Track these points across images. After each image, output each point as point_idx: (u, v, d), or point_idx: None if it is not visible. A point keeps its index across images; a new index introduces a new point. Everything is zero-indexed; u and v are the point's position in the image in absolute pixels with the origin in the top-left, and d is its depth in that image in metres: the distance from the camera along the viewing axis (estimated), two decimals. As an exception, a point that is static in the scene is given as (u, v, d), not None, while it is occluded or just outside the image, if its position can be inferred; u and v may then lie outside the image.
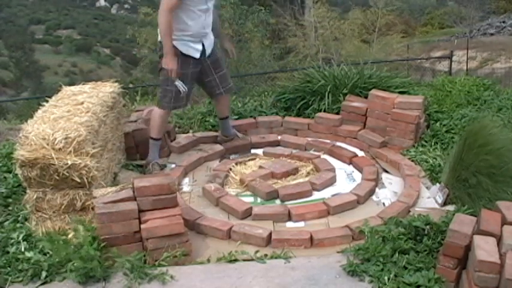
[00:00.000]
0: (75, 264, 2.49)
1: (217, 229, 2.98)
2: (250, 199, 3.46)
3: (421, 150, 3.98)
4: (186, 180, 3.80)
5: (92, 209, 2.80)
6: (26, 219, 3.09)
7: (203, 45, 3.75)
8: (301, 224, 3.12)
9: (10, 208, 3.26)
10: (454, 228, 2.38)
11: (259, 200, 3.45)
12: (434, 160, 3.79)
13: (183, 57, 3.68)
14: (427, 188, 3.54)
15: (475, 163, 3.11)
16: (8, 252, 2.73)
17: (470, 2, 20.67)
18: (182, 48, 3.67)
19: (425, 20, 25.34)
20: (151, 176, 3.18)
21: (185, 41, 3.66)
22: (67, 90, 3.71)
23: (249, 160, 4.08)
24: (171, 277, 2.54)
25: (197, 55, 3.74)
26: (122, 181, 3.59)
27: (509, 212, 2.44)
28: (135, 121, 4.23)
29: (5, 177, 3.59)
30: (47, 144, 2.85)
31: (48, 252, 2.66)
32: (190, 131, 4.60)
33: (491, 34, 19.08)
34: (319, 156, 4.06)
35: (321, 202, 3.32)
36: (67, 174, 2.86)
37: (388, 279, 2.45)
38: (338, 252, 2.77)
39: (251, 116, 4.78)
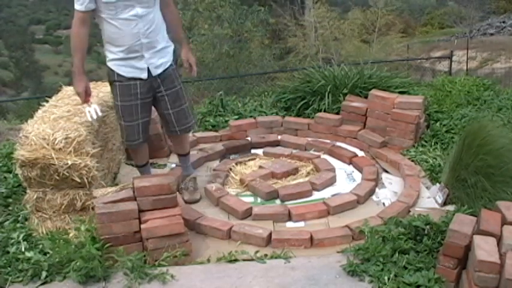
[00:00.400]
0: (77, 264, 2.49)
1: (217, 229, 2.98)
2: (250, 199, 3.46)
3: (421, 150, 3.98)
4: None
5: (92, 209, 2.80)
6: (26, 219, 3.09)
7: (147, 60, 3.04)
8: (301, 224, 3.12)
9: (10, 208, 3.27)
10: (454, 228, 2.38)
11: (259, 200, 3.45)
12: (434, 160, 3.79)
13: (125, 83, 3.05)
14: (427, 188, 3.54)
15: (473, 163, 3.11)
16: (8, 252, 2.73)
17: (470, 2, 20.66)
18: (122, 70, 3.03)
19: (425, 20, 25.34)
20: (151, 176, 3.17)
21: (122, 60, 3.01)
22: (67, 90, 3.71)
23: (249, 160, 4.08)
24: (171, 277, 2.54)
25: (143, 75, 3.04)
26: (121, 178, 3.59)
27: (509, 212, 2.44)
28: (135, 121, 4.22)
29: (5, 177, 3.59)
30: (47, 144, 2.85)
31: (48, 252, 2.66)
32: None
33: (491, 34, 19.09)
34: (319, 156, 4.06)
35: (321, 202, 3.32)
36: (67, 174, 2.87)
37: (388, 279, 2.45)
38: (338, 252, 2.77)
39: (251, 116, 4.79)
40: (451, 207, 3.17)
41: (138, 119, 3.14)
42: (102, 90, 3.70)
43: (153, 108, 3.31)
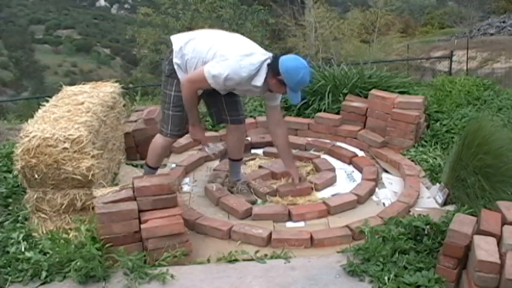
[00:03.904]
0: (77, 264, 2.49)
1: (217, 229, 2.98)
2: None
3: (421, 150, 3.98)
4: (186, 180, 3.80)
5: (92, 209, 2.80)
6: (26, 219, 3.09)
7: None
8: (301, 224, 3.12)
9: (10, 208, 3.27)
10: (454, 228, 2.38)
11: (259, 200, 3.45)
12: (434, 160, 3.80)
13: None
14: (427, 188, 3.54)
15: (473, 163, 3.11)
16: (8, 252, 2.73)
17: (470, 2, 20.68)
18: None
19: (425, 20, 25.35)
20: (151, 176, 3.17)
21: None
22: (67, 90, 3.71)
23: (249, 160, 4.07)
24: (171, 277, 2.54)
25: None
26: (121, 178, 3.59)
27: (509, 212, 2.44)
28: (135, 121, 4.23)
29: (5, 177, 3.59)
30: (48, 144, 2.85)
31: (48, 252, 2.66)
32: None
33: (491, 34, 19.08)
34: (319, 156, 4.06)
35: (321, 202, 3.32)
36: (67, 174, 2.87)
37: (388, 279, 2.45)
38: (338, 252, 2.77)
39: (251, 116, 4.78)
40: (451, 207, 3.17)
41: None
42: (102, 90, 3.70)
43: (152, 108, 3.35)
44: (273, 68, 3.00)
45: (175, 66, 3.15)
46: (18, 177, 3.08)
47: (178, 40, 3.18)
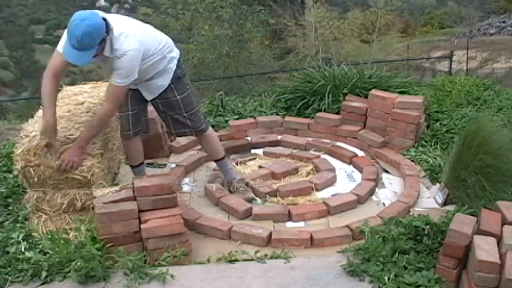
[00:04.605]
0: (77, 264, 2.49)
1: (217, 229, 2.98)
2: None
3: (421, 150, 3.98)
4: (186, 180, 3.80)
5: (92, 209, 2.80)
6: (26, 219, 3.09)
7: None
8: (301, 224, 3.12)
9: (10, 208, 3.27)
10: (454, 228, 2.38)
11: (259, 200, 3.45)
12: (434, 160, 3.79)
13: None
14: (427, 188, 3.54)
15: (473, 163, 3.11)
16: (8, 252, 2.73)
17: (470, 2, 20.68)
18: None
19: (425, 20, 25.34)
20: (152, 176, 3.17)
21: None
22: (67, 90, 3.71)
23: (249, 160, 4.08)
24: (171, 277, 2.54)
25: None
26: (121, 178, 3.59)
27: (509, 212, 2.44)
28: (135, 121, 4.22)
29: (5, 177, 3.59)
30: (47, 144, 2.84)
31: (48, 252, 2.66)
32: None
33: (491, 34, 19.08)
34: (319, 156, 4.06)
35: (321, 202, 3.32)
36: (67, 174, 2.86)
37: (388, 279, 2.45)
38: (338, 252, 2.77)
39: (251, 116, 4.78)
40: (451, 207, 3.17)
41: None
42: (102, 90, 3.69)
43: (152, 108, 3.35)
44: None
45: None
46: (18, 177, 3.08)
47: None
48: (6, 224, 3.05)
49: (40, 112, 3.22)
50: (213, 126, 4.59)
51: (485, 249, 2.20)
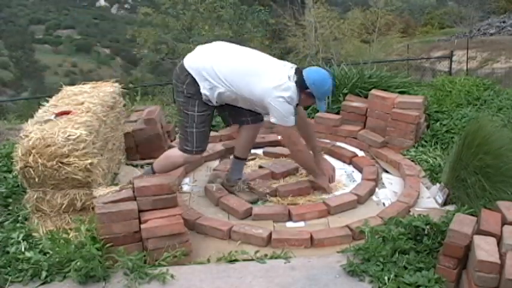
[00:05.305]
0: (77, 264, 2.49)
1: (217, 229, 2.98)
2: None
3: (421, 150, 3.98)
4: (186, 180, 3.80)
5: (92, 209, 2.80)
6: (26, 219, 3.09)
7: None
8: (301, 224, 3.12)
9: (10, 208, 3.27)
10: (454, 228, 2.38)
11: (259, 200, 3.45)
12: (434, 160, 3.79)
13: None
14: (427, 188, 3.54)
15: (473, 163, 3.11)
16: (8, 252, 2.73)
17: (470, 2, 20.68)
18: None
19: (425, 20, 25.36)
20: (151, 176, 3.18)
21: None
22: (67, 90, 3.71)
23: (249, 160, 4.07)
24: (171, 277, 2.54)
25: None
26: (121, 178, 3.59)
27: (509, 212, 2.44)
28: (135, 121, 4.22)
29: (5, 177, 3.59)
30: (48, 144, 2.85)
31: (48, 252, 2.66)
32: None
33: (491, 34, 19.08)
34: (319, 156, 4.06)
35: (321, 202, 3.32)
36: (67, 174, 2.87)
37: (388, 279, 2.45)
38: (338, 252, 2.77)
39: (251, 116, 4.77)
40: (451, 207, 3.17)
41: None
42: (102, 90, 3.70)
43: (152, 108, 3.34)
44: (301, 83, 3.15)
45: (203, 97, 3.17)
46: (18, 177, 3.08)
47: (194, 67, 3.14)
48: (6, 224, 3.05)
49: (40, 112, 3.22)
50: (213, 126, 4.60)
51: (485, 249, 2.20)
